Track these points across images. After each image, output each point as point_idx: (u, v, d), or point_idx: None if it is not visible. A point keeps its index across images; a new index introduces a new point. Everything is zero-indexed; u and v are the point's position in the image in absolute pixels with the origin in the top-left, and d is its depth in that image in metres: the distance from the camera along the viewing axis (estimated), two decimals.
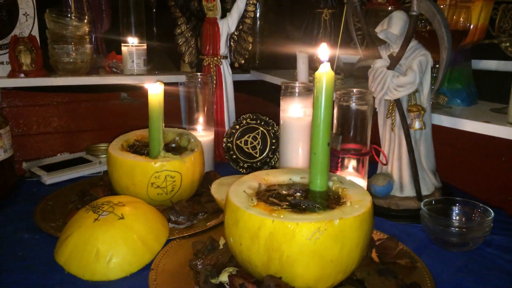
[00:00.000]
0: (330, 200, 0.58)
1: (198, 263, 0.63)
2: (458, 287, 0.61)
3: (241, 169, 1.10)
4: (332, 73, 0.58)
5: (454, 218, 0.78)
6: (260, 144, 1.10)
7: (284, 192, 0.61)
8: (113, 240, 0.64)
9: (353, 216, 0.52)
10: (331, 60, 1.15)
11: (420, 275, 0.62)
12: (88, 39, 1.24)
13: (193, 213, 0.80)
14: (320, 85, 0.57)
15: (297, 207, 0.55)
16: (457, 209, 0.78)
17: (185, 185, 0.82)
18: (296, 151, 0.93)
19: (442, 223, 0.72)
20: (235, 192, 0.59)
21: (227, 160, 1.13)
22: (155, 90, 0.79)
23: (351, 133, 0.83)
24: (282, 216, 0.52)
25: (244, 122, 1.12)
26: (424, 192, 0.86)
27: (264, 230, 0.51)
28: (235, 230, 0.55)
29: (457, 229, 0.71)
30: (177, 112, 1.39)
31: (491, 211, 0.73)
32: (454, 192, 0.95)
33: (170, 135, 0.92)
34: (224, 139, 1.13)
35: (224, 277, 0.58)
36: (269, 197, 0.58)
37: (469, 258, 0.70)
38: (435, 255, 0.70)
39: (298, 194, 0.60)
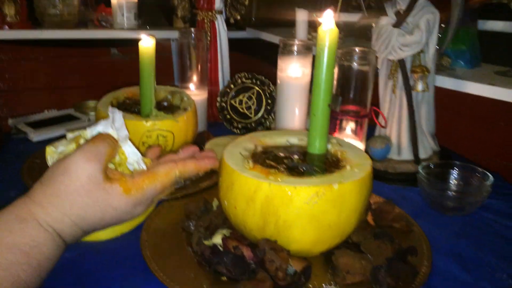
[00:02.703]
0: (329, 163, 0.56)
1: (191, 224, 0.62)
2: (454, 251, 0.61)
3: (235, 130, 1.08)
4: (336, 29, 0.54)
5: (451, 182, 0.77)
6: (255, 104, 1.07)
7: (281, 154, 0.58)
8: None
9: (352, 180, 0.50)
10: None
11: (416, 239, 0.61)
12: None
13: None
14: (323, 43, 0.54)
15: (294, 170, 0.53)
16: (455, 173, 0.77)
17: (178, 145, 0.79)
18: (293, 112, 0.90)
19: (439, 187, 0.71)
20: (230, 153, 0.56)
21: (221, 120, 1.10)
22: (146, 43, 0.74)
23: (351, 94, 0.80)
24: (279, 179, 0.50)
25: (239, 81, 1.09)
26: (422, 155, 0.84)
27: (260, 194, 0.49)
28: (230, 193, 0.53)
29: (454, 193, 0.70)
30: (169, 70, 1.34)
31: (490, 175, 0.72)
32: (452, 156, 0.93)
33: (162, 93, 0.89)
34: (218, 99, 1.10)
35: (217, 239, 0.56)
36: (266, 159, 0.56)
37: (465, 222, 0.69)
38: (432, 219, 0.70)
39: (295, 156, 0.58)
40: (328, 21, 0.53)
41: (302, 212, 0.49)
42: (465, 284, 0.53)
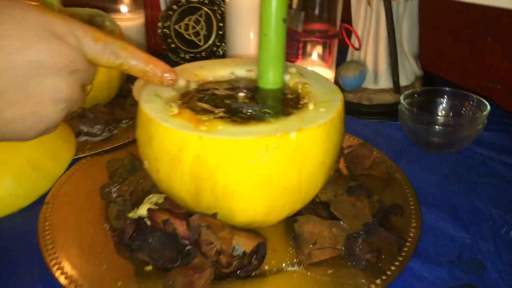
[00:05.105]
0: (286, 102, 0.42)
1: (113, 190, 0.47)
2: (446, 201, 0.49)
3: (182, 62, 0.90)
4: None
5: (439, 114, 0.64)
6: (204, 29, 0.89)
7: (221, 92, 0.43)
8: None
9: (317, 124, 0.36)
10: None
11: (400, 189, 0.49)
12: None
13: (114, 120, 0.62)
14: None
15: (237, 115, 0.38)
16: (443, 102, 0.64)
17: (100, 83, 0.62)
18: (247, 36, 0.73)
19: (425, 120, 0.58)
20: (150, 95, 0.40)
21: (165, 51, 0.92)
22: None
23: (316, 9, 0.64)
24: (214, 130, 0.35)
25: (183, 0, 0.89)
26: (403, 82, 0.70)
27: (188, 152, 0.35)
28: (150, 151, 0.38)
29: (442, 127, 0.57)
30: None
31: (486, 103, 0.59)
32: (437, 82, 0.80)
33: (80, 17, 0.69)
34: (159, 24, 0.90)
35: (144, 211, 0.42)
36: (199, 101, 0.41)
37: (455, 161, 0.57)
38: (416, 160, 0.58)
39: (241, 94, 0.43)
40: None
41: (247, 173, 0.35)
42: (463, 245, 0.42)
